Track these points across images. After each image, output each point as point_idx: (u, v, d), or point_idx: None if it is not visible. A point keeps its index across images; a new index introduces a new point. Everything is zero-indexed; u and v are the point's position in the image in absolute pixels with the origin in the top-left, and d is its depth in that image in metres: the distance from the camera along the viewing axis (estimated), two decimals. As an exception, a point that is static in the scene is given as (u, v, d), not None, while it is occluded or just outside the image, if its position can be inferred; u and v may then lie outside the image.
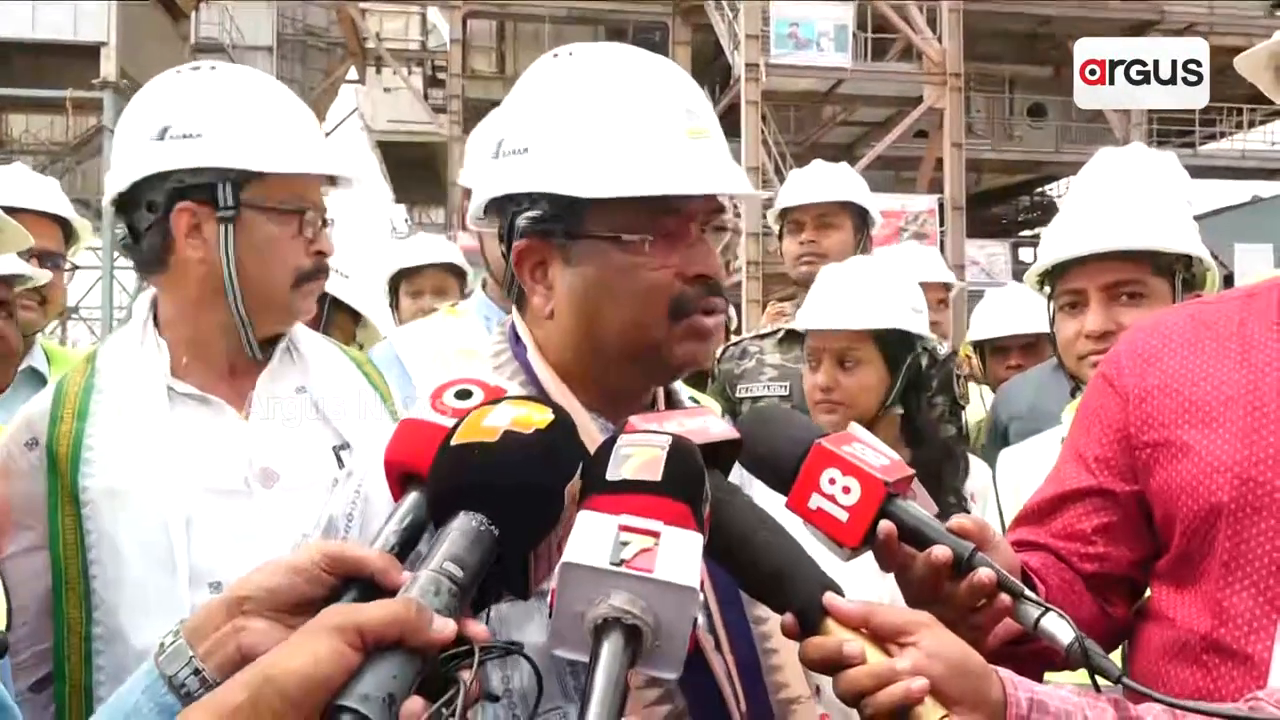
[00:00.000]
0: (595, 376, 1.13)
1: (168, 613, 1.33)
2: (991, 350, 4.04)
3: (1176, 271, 1.99)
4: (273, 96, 1.66)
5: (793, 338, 2.83)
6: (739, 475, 1.06)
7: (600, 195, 1.06)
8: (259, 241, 1.58)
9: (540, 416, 0.86)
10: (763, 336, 3.09)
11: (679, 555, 0.79)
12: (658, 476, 0.84)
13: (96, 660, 1.47)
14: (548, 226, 1.09)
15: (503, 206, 1.14)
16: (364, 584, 0.81)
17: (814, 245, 3.06)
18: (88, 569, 1.49)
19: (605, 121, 1.08)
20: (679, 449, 0.87)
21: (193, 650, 0.80)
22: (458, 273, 3.93)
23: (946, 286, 4.11)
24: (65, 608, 1.49)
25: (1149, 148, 3.20)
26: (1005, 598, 1.00)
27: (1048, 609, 0.98)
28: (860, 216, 3.15)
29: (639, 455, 0.86)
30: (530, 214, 1.10)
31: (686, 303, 1.09)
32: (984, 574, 1.00)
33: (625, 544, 0.78)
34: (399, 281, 3.94)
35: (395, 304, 3.96)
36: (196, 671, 0.79)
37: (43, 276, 2.39)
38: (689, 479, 0.85)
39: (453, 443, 0.86)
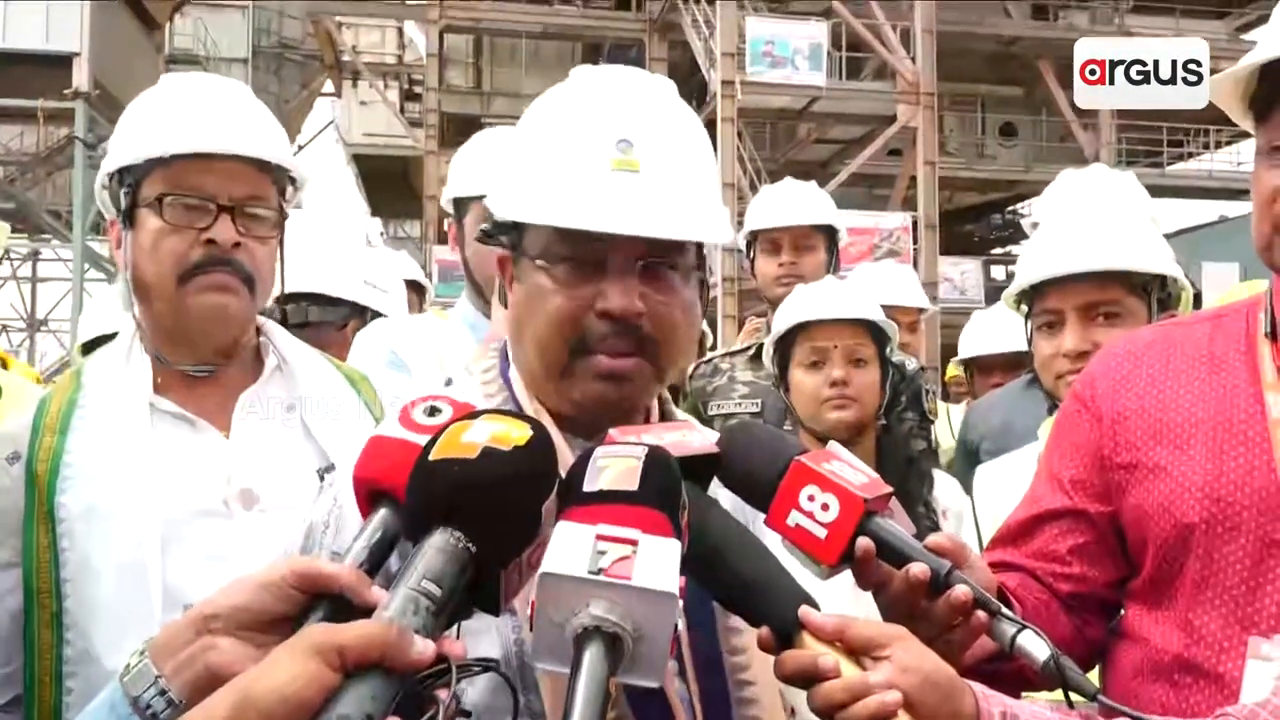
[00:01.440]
0: (543, 400, 1.13)
1: (141, 635, 1.30)
2: (978, 368, 4.09)
3: (1152, 291, 2.02)
4: (179, 91, 1.61)
5: (762, 356, 2.84)
6: (714, 491, 1.06)
7: (512, 219, 1.10)
8: (145, 239, 1.54)
9: (519, 433, 0.86)
10: (733, 354, 3.10)
11: (657, 562, 0.79)
12: (634, 486, 0.84)
13: (67, 682, 1.44)
14: (504, 238, 1.14)
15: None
16: (333, 600, 0.80)
17: (793, 267, 3.06)
18: (60, 588, 1.45)
19: (537, 147, 1.11)
20: (655, 459, 0.88)
21: (158, 670, 0.79)
22: (416, 288, 3.86)
23: (920, 310, 4.15)
24: (36, 627, 1.45)
25: (1110, 168, 3.26)
26: (982, 615, 1.01)
27: (1024, 626, 0.99)
28: (831, 237, 3.17)
29: (615, 466, 0.86)
30: (483, 227, 1.16)
31: (588, 338, 1.07)
32: (960, 591, 1.00)
33: (603, 553, 0.79)
34: None
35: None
36: (162, 692, 0.78)
37: None
38: (666, 488, 0.86)
39: (431, 458, 0.85)
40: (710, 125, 17.19)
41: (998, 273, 19.32)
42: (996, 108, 22.56)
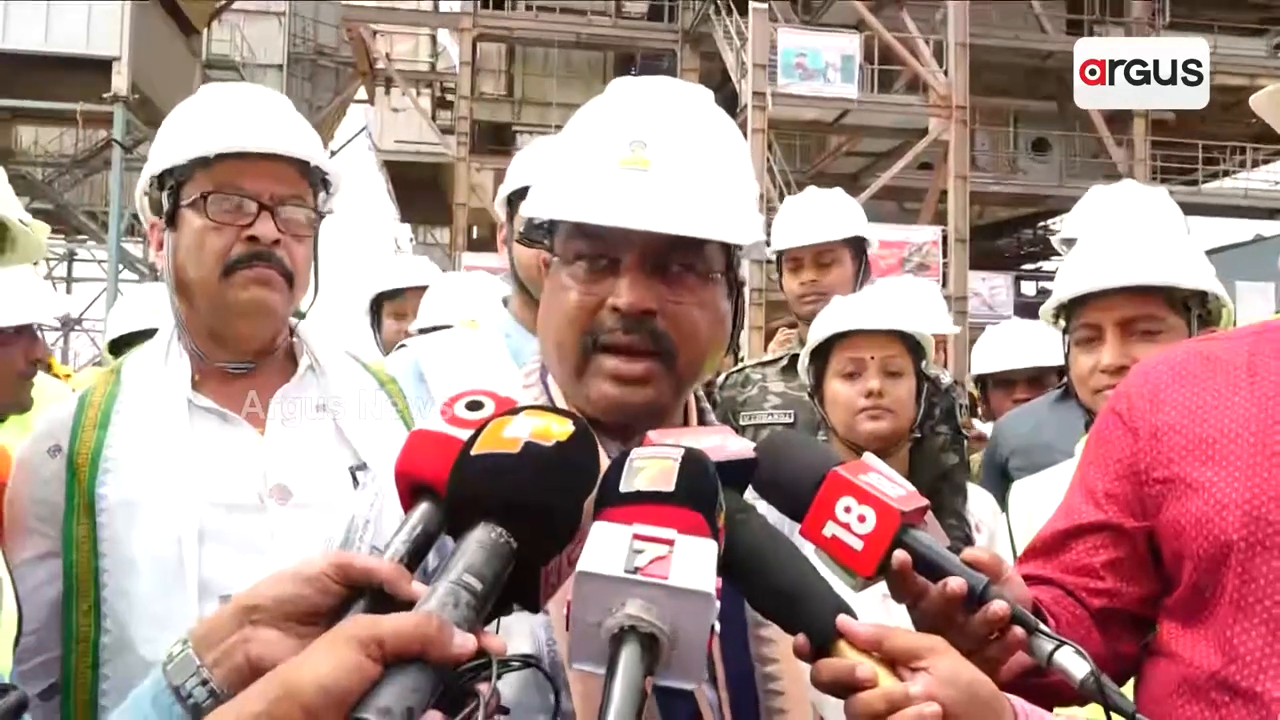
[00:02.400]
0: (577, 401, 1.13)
1: (177, 625, 1.33)
2: (995, 384, 4.03)
3: (1192, 307, 2.00)
4: (220, 97, 1.67)
5: (795, 367, 2.83)
6: (750, 499, 1.06)
7: (531, 215, 1.14)
8: (188, 238, 1.58)
9: (560, 429, 0.86)
10: (765, 364, 3.08)
11: (694, 562, 0.79)
12: (670, 487, 0.84)
13: (103, 670, 1.47)
14: (540, 237, 1.17)
15: None
16: (374, 593, 0.81)
17: (814, 285, 3.03)
18: (99, 578, 1.49)
19: (560, 148, 1.15)
20: (691, 460, 0.88)
21: (200, 660, 0.79)
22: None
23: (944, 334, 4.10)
24: (75, 616, 1.49)
25: (1140, 184, 3.21)
26: (1019, 631, 1.00)
27: (1062, 643, 0.98)
28: (858, 246, 3.12)
29: (651, 467, 0.86)
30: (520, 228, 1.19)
31: (599, 334, 1.08)
32: (998, 607, 1.00)
33: (639, 552, 0.78)
34: (380, 303, 3.90)
35: (377, 325, 3.91)
36: (204, 682, 0.79)
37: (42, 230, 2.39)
38: (702, 489, 0.86)
39: (473, 452, 0.85)
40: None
41: (1028, 288, 19.20)
42: (1029, 122, 22.40)
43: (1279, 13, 20.75)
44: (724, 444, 0.99)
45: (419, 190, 23.72)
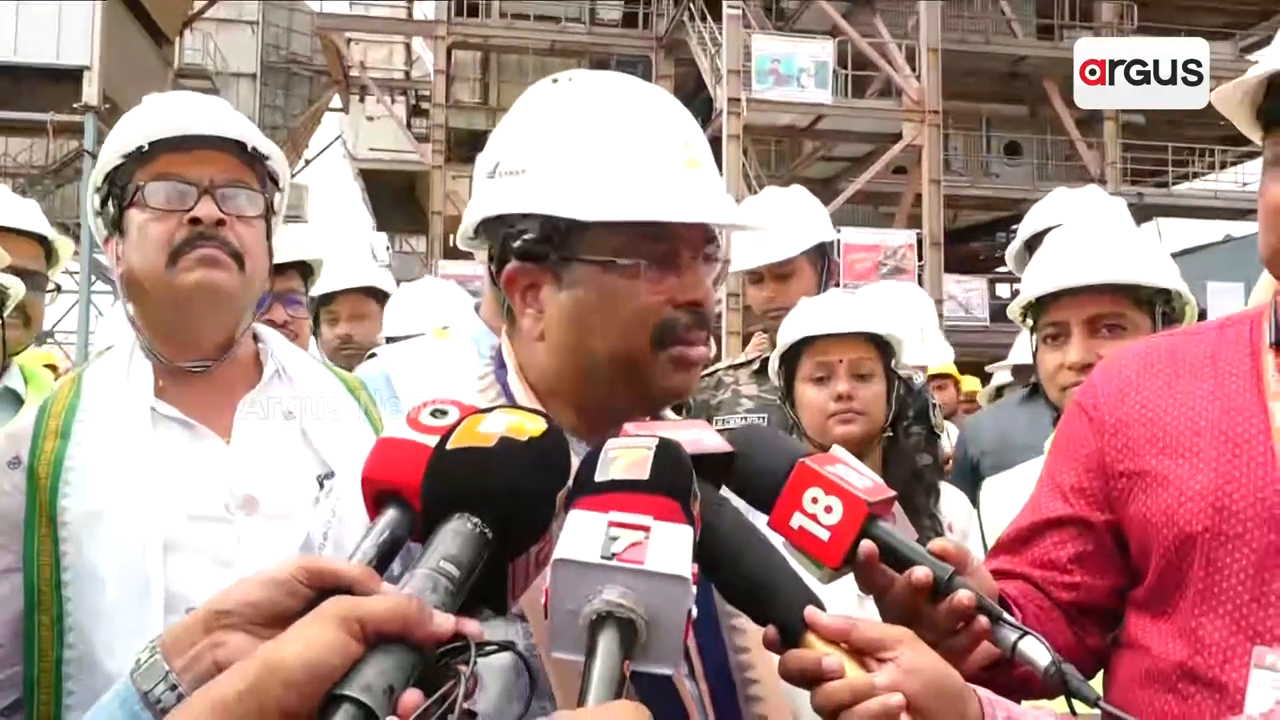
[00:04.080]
0: (581, 401, 1.13)
1: (143, 638, 1.30)
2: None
3: (1156, 305, 2.03)
4: (156, 100, 1.68)
5: (767, 370, 2.82)
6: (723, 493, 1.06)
7: (598, 219, 1.06)
8: (132, 234, 1.57)
9: (534, 425, 0.88)
10: (737, 367, 3.07)
11: (669, 547, 0.79)
12: (645, 475, 0.85)
13: (67, 685, 1.43)
14: (541, 249, 1.09)
15: (494, 228, 1.14)
16: (343, 596, 0.81)
17: (774, 300, 2.96)
18: (61, 592, 1.45)
19: (604, 146, 1.09)
20: (666, 448, 0.89)
21: (169, 665, 0.79)
22: (378, 295, 3.74)
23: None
24: (38, 631, 1.45)
25: (1106, 190, 3.23)
26: (983, 621, 1.01)
27: (1026, 632, 0.99)
28: (819, 250, 3.03)
29: (626, 456, 0.87)
30: (526, 235, 1.10)
31: (672, 330, 1.09)
32: (963, 596, 1.00)
33: (615, 539, 0.79)
34: (319, 307, 3.70)
35: (316, 329, 3.71)
36: (173, 687, 0.78)
37: (18, 287, 2.37)
38: (677, 477, 0.87)
39: (448, 447, 0.87)
40: (716, 142, 17.24)
41: (1003, 291, 19.30)
42: (1002, 126, 22.58)
43: (1245, 17, 21.00)
44: (700, 438, 0.99)
45: (395, 198, 23.66)
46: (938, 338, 4.46)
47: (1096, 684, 1.37)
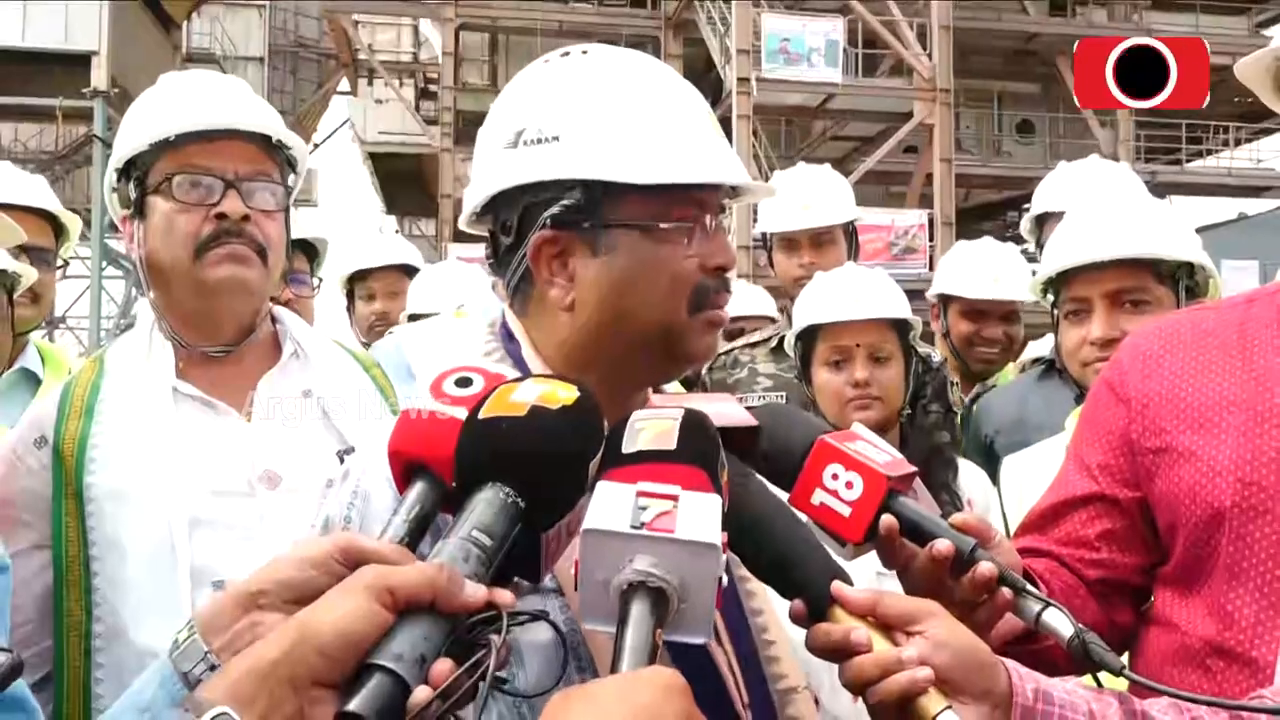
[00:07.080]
0: (604, 370, 1.11)
1: (169, 612, 1.33)
2: (967, 312, 3.43)
3: (1179, 279, 2.00)
4: (178, 83, 1.71)
5: (784, 347, 2.81)
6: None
7: (646, 181, 1.05)
8: (157, 224, 1.59)
9: (566, 394, 0.87)
10: (754, 345, 3.07)
11: (699, 516, 0.79)
12: (672, 445, 0.85)
13: (96, 658, 1.47)
14: (576, 215, 1.07)
15: (513, 199, 1.11)
16: (374, 565, 0.81)
17: (813, 267, 2.95)
18: (89, 566, 1.48)
19: (642, 111, 1.08)
20: (692, 419, 0.88)
21: (207, 646, 0.79)
22: (410, 272, 3.78)
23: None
24: (66, 605, 1.49)
25: (1119, 163, 3.20)
26: (1006, 593, 1.01)
27: (1049, 604, 0.99)
28: (849, 226, 3.13)
29: (652, 428, 0.87)
30: (565, 202, 1.07)
31: (706, 293, 1.09)
32: (985, 568, 1.00)
33: (644, 508, 0.79)
34: (353, 285, 3.85)
35: (351, 307, 3.87)
36: (213, 667, 0.78)
37: (31, 274, 2.38)
38: (704, 447, 0.86)
39: (480, 416, 0.86)
40: (725, 122, 17.17)
41: (1014, 270, 19.23)
42: (1013, 104, 22.44)
43: (1260, -8, 20.82)
44: (725, 411, 0.99)
45: (404, 182, 23.64)
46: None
47: (1125, 662, 1.37)
